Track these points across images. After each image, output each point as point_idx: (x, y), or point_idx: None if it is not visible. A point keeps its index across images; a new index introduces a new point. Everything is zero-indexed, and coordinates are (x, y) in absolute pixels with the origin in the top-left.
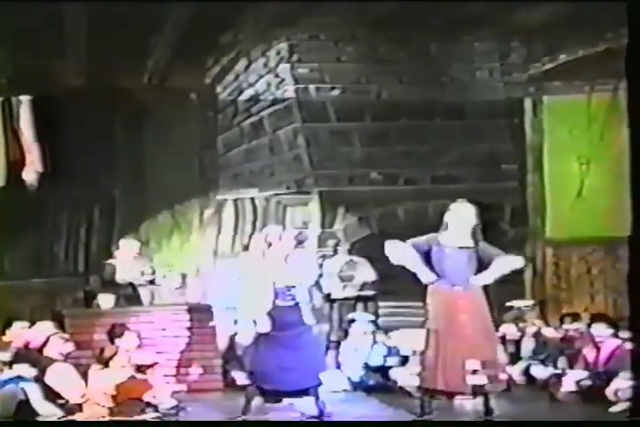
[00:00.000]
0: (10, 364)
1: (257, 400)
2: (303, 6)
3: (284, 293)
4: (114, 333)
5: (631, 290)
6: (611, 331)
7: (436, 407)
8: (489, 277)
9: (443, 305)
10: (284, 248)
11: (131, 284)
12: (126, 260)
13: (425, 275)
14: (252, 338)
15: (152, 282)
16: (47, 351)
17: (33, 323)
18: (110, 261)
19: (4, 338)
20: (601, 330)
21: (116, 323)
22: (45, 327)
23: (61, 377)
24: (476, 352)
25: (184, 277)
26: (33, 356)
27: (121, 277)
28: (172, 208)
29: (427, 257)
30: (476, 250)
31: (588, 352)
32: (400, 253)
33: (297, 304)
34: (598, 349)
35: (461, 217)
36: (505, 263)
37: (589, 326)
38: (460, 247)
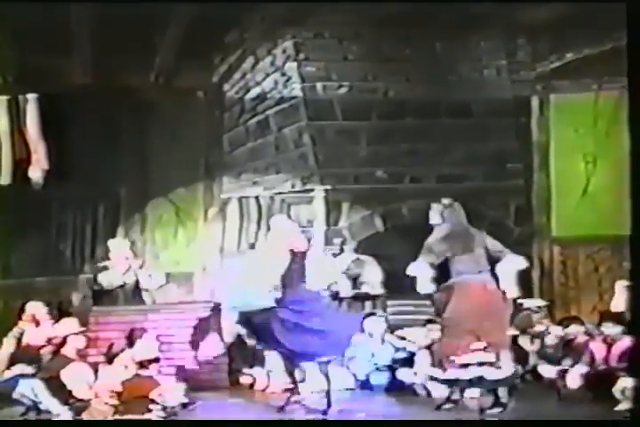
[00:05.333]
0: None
1: None
2: (308, 5)
3: None
4: (133, 336)
5: (632, 290)
6: (620, 328)
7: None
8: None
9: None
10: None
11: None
12: (118, 261)
13: (423, 287)
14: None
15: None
16: (65, 350)
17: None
18: (104, 263)
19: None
20: (610, 327)
21: (136, 326)
22: (70, 324)
23: (78, 377)
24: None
25: (167, 275)
26: (32, 353)
27: (112, 280)
28: (177, 206)
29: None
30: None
31: (597, 349)
32: (414, 271)
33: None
34: (609, 345)
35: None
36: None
37: (600, 324)
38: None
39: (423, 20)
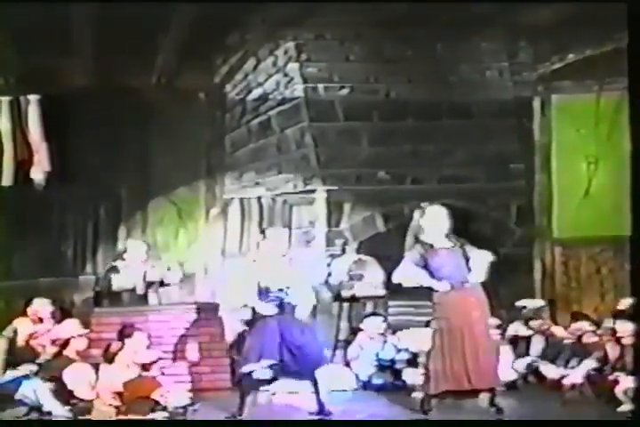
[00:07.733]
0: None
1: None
2: (309, 6)
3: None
4: (124, 333)
5: (633, 290)
6: (633, 327)
7: (446, 405)
8: (481, 273)
9: (455, 303)
10: (279, 247)
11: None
12: (134, 262)
13: (439, 286)
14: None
15: (162, 284)
16: (67, 351)
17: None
18: (117, 263)
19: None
20: (624, 326)
21: (127, 323)
22: (72, 326)
23: (80, 378)
24: (485, 349)
25: (185, 275)
26: (35, 353)
27: (125, 281)
28: (179, 207)
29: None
30: (463, 250)
31: (610, 348)
32: (405, 274)
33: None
34: (622, 346)
35: (438, 220)
36: (480, 258)
37: (614, 322)
38: (452, 247)
39: (424, 20)
